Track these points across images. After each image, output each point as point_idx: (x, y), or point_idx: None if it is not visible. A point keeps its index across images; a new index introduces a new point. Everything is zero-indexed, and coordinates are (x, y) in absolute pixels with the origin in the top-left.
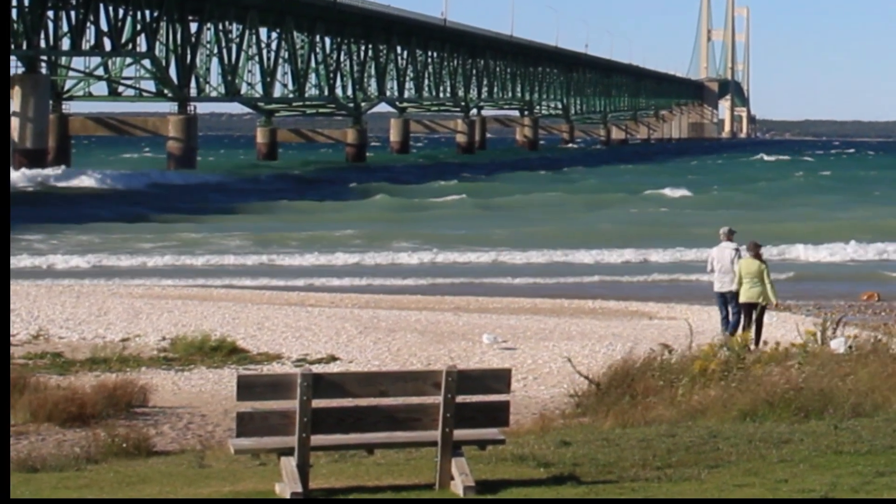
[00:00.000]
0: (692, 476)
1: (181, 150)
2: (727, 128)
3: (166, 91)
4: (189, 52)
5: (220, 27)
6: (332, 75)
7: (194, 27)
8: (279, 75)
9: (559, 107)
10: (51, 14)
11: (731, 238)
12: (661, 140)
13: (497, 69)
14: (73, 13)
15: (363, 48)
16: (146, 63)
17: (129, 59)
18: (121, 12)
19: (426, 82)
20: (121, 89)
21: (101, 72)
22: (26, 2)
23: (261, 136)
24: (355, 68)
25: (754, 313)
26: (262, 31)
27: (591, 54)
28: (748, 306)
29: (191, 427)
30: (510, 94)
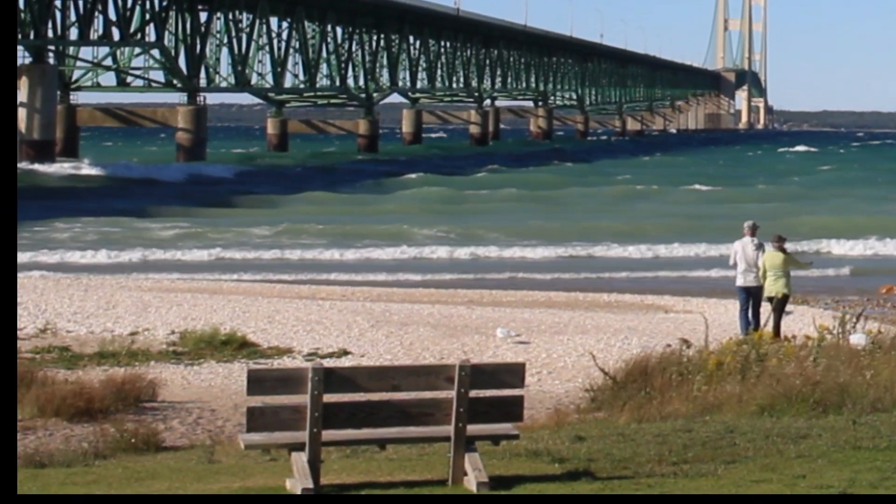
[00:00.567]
0: (708, 472)
1: (191, 141)
2: (744, 119)
3: (175, 81)
4: (199, 41)
5: (231, 16)
6: (343, 65)
7: (204, 16)
8: (290, 65)
9: (574, 97)
10: (58, 3)
11: (755, 234)
12: (683, 131)
13: (511, 59)
14: (81, 2)
15: (375, 38)
16: (155, 53)
17: (137, 49)
18: (129, 1)
19: (439, 72)
20: (129, 80)
21: (109, 62)
22: None
23: (271, 127)
24: (367, 58)
25: (779, 305)
26: (273, 21)
27: (607, 44)
28: (775, 301)
29: (200, 422)
30: (524, 85)
